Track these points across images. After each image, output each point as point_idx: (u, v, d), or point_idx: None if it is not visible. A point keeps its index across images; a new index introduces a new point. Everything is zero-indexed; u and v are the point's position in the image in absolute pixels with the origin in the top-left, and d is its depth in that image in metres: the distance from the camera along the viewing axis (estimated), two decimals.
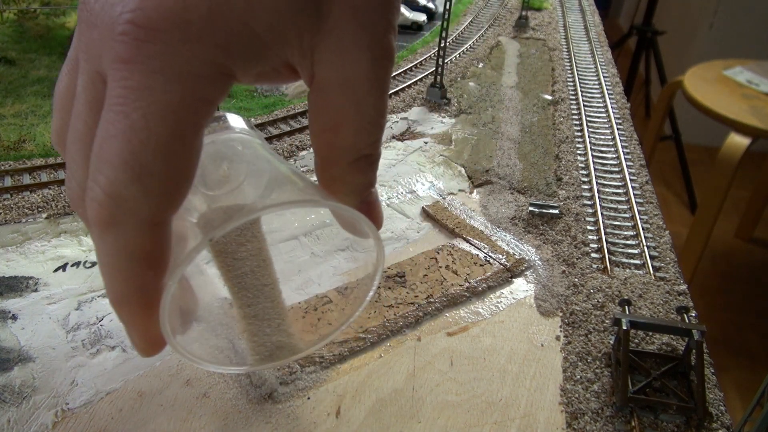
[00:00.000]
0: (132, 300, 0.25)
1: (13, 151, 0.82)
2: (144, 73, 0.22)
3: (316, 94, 0.27)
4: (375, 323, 0.54)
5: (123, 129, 0.22)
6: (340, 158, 0.28)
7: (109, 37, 0.22)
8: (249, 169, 0.32)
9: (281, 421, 0.45)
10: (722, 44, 2.54)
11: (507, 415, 0.46)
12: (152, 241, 0.24)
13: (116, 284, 0.25)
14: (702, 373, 0.47)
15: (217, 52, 0.23)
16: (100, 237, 0.24)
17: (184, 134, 0.23)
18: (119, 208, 0.22)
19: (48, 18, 1.38)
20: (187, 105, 0.22)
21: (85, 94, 0.25)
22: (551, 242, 0.67)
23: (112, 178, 0.22)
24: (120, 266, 0.24)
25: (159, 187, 0.23)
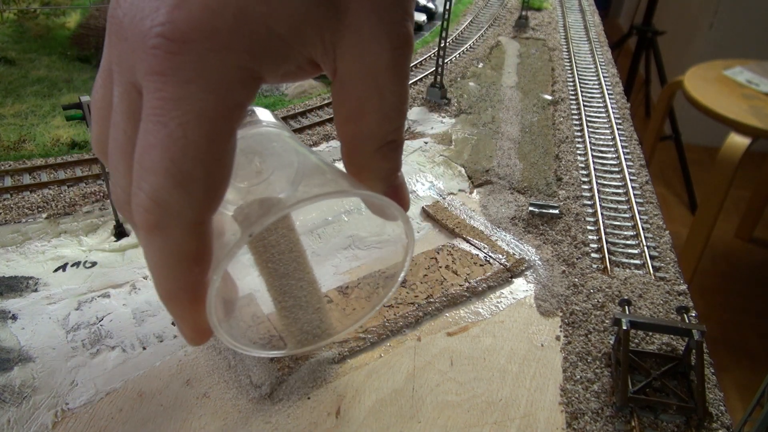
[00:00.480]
0: (180, 295, 0.27)
1: (13, 151, 0.82)
2: (178, 84, 0.23)
3: (340, 86, 0.28)
4: (375, 323, 0.54)
5: (162, 138, 0.23)
6: (366, 146, 0.29)
7: (141, 50, 0.23)
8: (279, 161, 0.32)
9: (281, 421, 0.45)
10: (722, 44, 2.54)
11: (507, 415, 0.46)
12: (196, 240, 0.25)
13: (165, 282, 0.26)
14: (702, 373, 0.47)
15: (245, 57, 0.24)
16: (147, 240, 0.25)
17: (220, 139, 0.24)
18: (164, 213, 0.24)
19: (48, 18, 1.38)
20: (220, 111, 0.23)
21: (122, 105, 0.26)
22: (551, 242, 0.67)
23: (156, 185, 0.23)
24: (168, 265, 0.26)
25: (200, 191, 0.24)
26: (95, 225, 0.68)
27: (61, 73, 1.10)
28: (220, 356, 0.51)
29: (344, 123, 0.29)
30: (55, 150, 0.83)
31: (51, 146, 0.84)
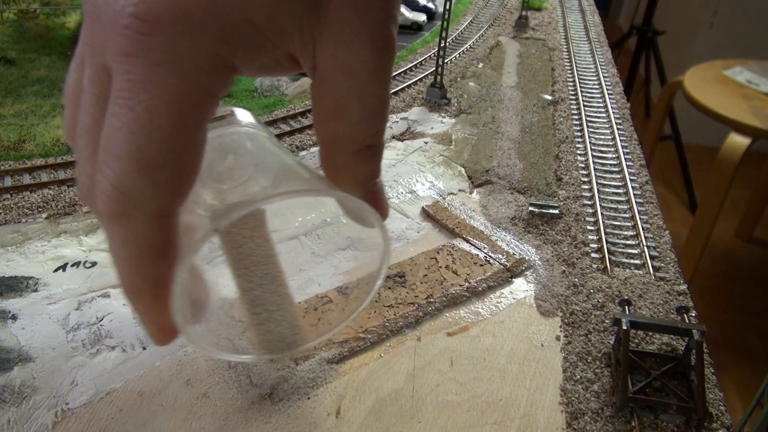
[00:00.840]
0: (144, 290, 0.25)
1: (13, 151, 0.82)
2: (146, 66, 0.22)
3: (319, 84, 0.27)
4: (375, 323, 0.54)
5: (128, 122, 0.22)
6: (343, 148, 0.28)
7: (112, 31, 0.22)
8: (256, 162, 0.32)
9: (281, 421, 0.45)
10: (722, 44, 2.54)
11: (507, 415, 0.46)
12: (161, 232, 0.24)
13: (128, 275, 0.25)
14: (702, 373, 0.47)
15: (218, 44, 0.23)
16: (110, 229, 0.24)
17: (188, 126, 0.23)
18: (127, 201, 0.23)
19: (48, 18, 1.38)
20: (189, 97, 0.23)
21: (91, 89, 0.25)
22: (551, 242, 0.67)
23: (119, 171, 0.22)
24: (131, 257, 0.24)
25: (165, 180, 0.23)
26: (95, 225, 0.68)
27: (61, 73, 1.10)
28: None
29: (322, 122, 0.28)
30: (55, 150, 0.83)
31: (51, 146, 0.84)
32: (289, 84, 1.07)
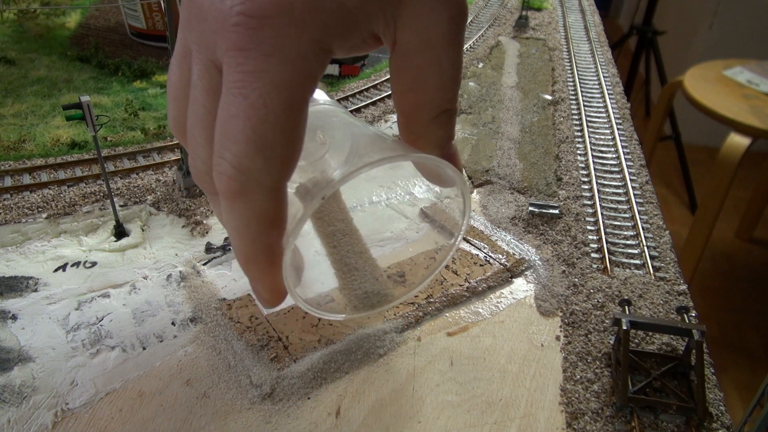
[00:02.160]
0: (260, 258, 0.28)
1: (13, 151, 0.82)
2: (258, 57, 0.24)
3: (399, 58, 0.29)
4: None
5: (243, 109, 0.25)
6: (423, 115, 0.31)
7: (222, 29, 0.25)
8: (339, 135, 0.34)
9: (281, 421, 0.45)
10: (722, 44, 2.54)
11: (507, 415, 0.46)
12: (274, 204, 0.27)
13: (246, 245, 0.28)
14: (702, 373, 0.47)
15: (318, 31, 0.25)
16: (229, 206, 0.27)
17: (296, 107, 0.25)
18: (246, 178, 0.25)
19: (48, 18, 1.38)
20: (296, 82, 0.25)
21: (201, 83, 0.27)
22: (551, 242, 0.67)
23: (238, 152, 0.25)
24: (249, 229, 0.27)
25: (278, 156, 0.26)
26: (95, 225, 0.68)
27: (61, 73, 1.10)
28: (220, 356, 0.51)
29: (403, 93, 0.30)
30: (55, 150, 0.83)
31: (51, 146, 0.84)
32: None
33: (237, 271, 0.62)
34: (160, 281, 0.60)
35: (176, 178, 0.75)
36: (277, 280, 0.29)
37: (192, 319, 0.55)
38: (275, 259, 0.28)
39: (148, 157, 0.83)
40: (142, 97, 1.01)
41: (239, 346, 0.51)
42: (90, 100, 0.57)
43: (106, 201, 0.72)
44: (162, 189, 0.75)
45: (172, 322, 0.54)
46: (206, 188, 0.30)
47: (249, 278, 0.30)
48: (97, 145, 0.62)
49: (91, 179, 0.77)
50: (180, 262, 0.62)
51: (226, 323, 0.54)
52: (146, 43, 1.25)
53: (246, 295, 0.58)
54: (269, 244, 0.28)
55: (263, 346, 0.51)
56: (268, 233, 0.27)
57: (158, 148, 0.84)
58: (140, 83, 1.07)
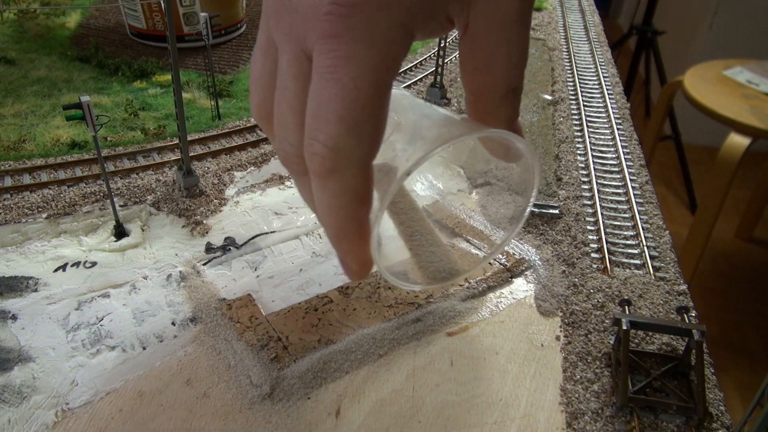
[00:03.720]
0: (351, 232, 0.30)
1: (13, 151, 0.82)
2: (349, 43, 0.26)
3: (470, 40, 0.31)
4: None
5: (336, 91, 0.26)
6: (492, 94, 0.33)
7: (313, 18, 0.27)
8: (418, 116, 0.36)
9: (281, 421, 0.45)
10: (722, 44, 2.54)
11: (507, 415, 0.46)
12: (364, 180, 0.29)
13: (337, 221, 0.30)
14: (702, 373, 0.47)
15: (404, 16, 0.27)
16: (322, 184, 0.29)
17: (383, 88, 0.27)
18: (339, 157, 0.27)
19: (48, 18, 1.38)
20: (384, 64, 0.27)
21: (291, 70, 0.29)
22: (551, 242, 0.67)
23: (331, 132, 0.27)
24: (341, 206, 0.29)
25: (368, 135, 0.28)
26: (95, 225, 0.68)
27: (61, 73, 1.10)
28: (220, 356, 0.51)
29: (472, 74, 0.32)
30: (55, 150, 0.83)
31: (51, 146, 0.84)
32: None
33: (237, 271, 0.62)
34: (160, 281, 0.60)
35: (176, 178, 0.75)
36: (366, 253, 0.31)
37: (192, 319, 0.55)
38: (365, 233, 0.30)
39: (148, 157, 0.83)
40: (142, 97, 1.01)
41: (239, 346, 0.51)
42: (90, 100, 0.57)
43: (106, 201, 0.72)
44: (162, 189, 0.75)
45: (172, 322, 0.54)
46: (294, 170, 0.32)
47: (339, 252, 0.32)
48: (97, 145, 0.62)
49: (91, 179, 0.77)
50: (180, 262, 0.62)
51: (226, 323, 0.54)
52: (146, 43, 1.25)
53: (246, 295, 0.58)
54: (360, 218, 0.30)
55: (263, 346, 0.51)
56: (359, 208, 0.29)
57: (158, 148, 0.84)
58: (140, 83, 1.07)
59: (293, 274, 0.61)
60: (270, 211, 0.72)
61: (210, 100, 0.97)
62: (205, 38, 0.88)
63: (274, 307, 0.56)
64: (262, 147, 0.87)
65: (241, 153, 0.85)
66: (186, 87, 1.05)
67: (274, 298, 0.58)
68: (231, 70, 1.16)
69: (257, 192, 0.76)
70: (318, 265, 0.63)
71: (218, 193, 0.74)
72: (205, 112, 0.96)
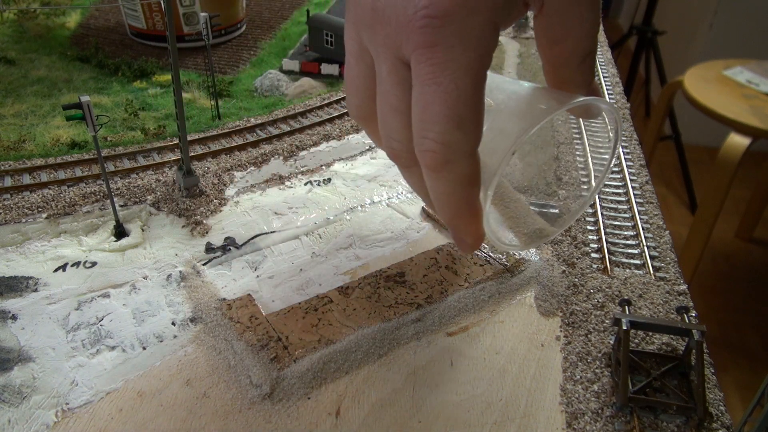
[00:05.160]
0: (465, 212, 0.33)
1: (13, 151, 0.82)
2: (446, 50, 0.29)
3: (546, 17, 0.34)
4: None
5: (439, 94, 0.29)
6: (570, 62, 0.35)
7: (408, 31, 0.29)
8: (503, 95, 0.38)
9: (281, 421, 0.45)
10: (722, 44, 2.54)
11: (507, 415, 0.46)
12: (473, 166, 0.32)
13: (453, 204, 0.33)
14: (702, 373, 0.47)
15: (489, 12, 0.29)
16: (436, 175, 0.32)
17: (479, 83, 0.30)
18: (449, 150, 0.30)
19: (48, 18, 1.38)
20: (478, 62, 0.30)
21: (391, 78, 0.32)
22: (551, 242, 0.67)
23: (440, 130, 0.30)
24: (455, 192, 0.32)
25: (472, 127, 0.30)
26: (95, 225, 0.68)
27: (61, 73, 1.10)
28: (220, 356, 0.51)
29: (550, 46, 0.35)
30: (55, 150, 0.83)
31: (51, 146, 0.84)
32: (289, 84, 1.07)
33: (237, 271, 0.62)
34: (160, 281, 0.60)
35: (176, 178, 0.75)
36: (480, 228, 0.34)
37: (192, 319, 0.55)
38: (477, 211, 0.33)
39: (148, 157, 0.83)
40: (142, 97, 1.01)
41: (239, 346, 0.51)
42: (90, 100, 0.58)
43: (106, 201, 0.72)
44: (162, 189, 0.75)
45: (172, 322, 0.54)
46: (402, 163, 0.35)
47: (454, 231, 0.35)
48: (97, 145, 0.62)
49: (91, 179, 0.77)
50: (180, 262, 0.62)
51: (226, 323, 0.54)
52: (146, 43, 1.25)
53: (246, 295, 0.58)
54: (472, 199, 0.33)
55: (263, 346, 0.51)
56: (471, 191, 0.32)
57: (158, 148, 0.84)
58: (140, 83, 1.07)
59: (293, 274, 0.61)
60: (270, 211, 0.72)
61: (210, 100, 0.97)
62: (205, 38, 0.88)
63: (274, 307, 0.56)
64: (262, 147, 0.87)
65: (241, 153, 0.85)
66: (186, 87, 1.05)
67: (274, 298, 0.58)
68: (231, 70, 1.16)
69: (257, 192, 0.76)
70: (318, 265, 0.63)
71: (218, 193, 0.74)
72: (205, 112, 0.96)
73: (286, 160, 0.83)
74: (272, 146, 0.87)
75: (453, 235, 0.36)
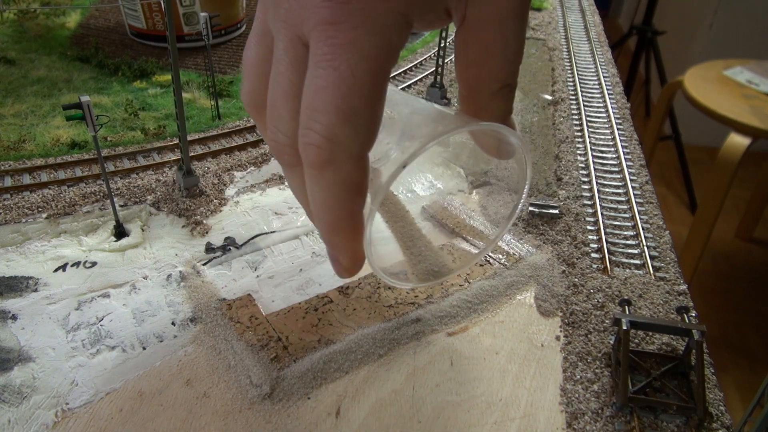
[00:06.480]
0: (344, 225, 0.29)
1: (13, 151, 0.82)
2: (347, 30, 0.26)
3: (466, 33, 0.31)
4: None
5: (333, 80, 0.26)
6: (486, 88, 0.32)
7: (311, 5, 0.26)
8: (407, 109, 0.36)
9: (281, 421, 0.45)
10: (722, 44, 2.54)
11: (507, 415, 0.46)
12: (360, 172, 0.28)
13: (332, 213, 0.29)
14: (702, 373, 0.47)
15: (402, 4, 0.27)
16: (317, 175, 0.28)
17: (381, 77, 0.27)
18: (335, 147, 0.26)
19: (48, 18, 1.38)
20: (382, 53, 0.26)
21: (286, 57, 0.29)
22: (551, 242, 0.67)
23: (327, 122, 0.26)
24: (336, 197, 0.28)
25: (365, 125, 0.27)
26: (95, 225, 0.68)
27: (61, 73, 1.10)
28: (219, 356, 0.51)
29: (467, 67, 0.32)
30: (55, 150, 0.83)
31: (51, 146, 0.84)
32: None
33: (237, 271, 0.62)
34: (160, 281, 0.60)
35: (176, 178, 0.75)
36: (359, 249, 0.30)
37: (192, 319, 0.55)
38: (358, 227, 0.30)
39: (148, 157, 0.83)
40: (142, 97, 1.01)
41: (239, 346, 0.51)
42: (90, 100, 0.58)
43: (106, 201, 0.72)
44: (162, 189, 0.75)
45: (172, 322, 0.54)
46: (285, 160, 0.31)
47: (330, 247, 0.31)
48: (97, 145, 0.62)
49: (91, 179, 0.77)
50: (180, 262, 0.62)
51: (226, 323, 0.54)
52: (146, 43, 1.25)
53: (246, 295, 0.58)
54: (354, 211, 0.29)
55: (263, 346, 0.51)
56: (354, 201, 0.28)
57: (158, 148, 0.84)
58: (140, 83, 1.07)
59: (293, 274, 0.61)
60: (270, 211, 0.72)
61: (210, 100, 0.97)
62: (205, 38, 0.88)
63: (274, 307, 0.56)
64: (262, 147, 0.87)
65: (241, 153, 0.85)
66: (186, 87, 1.05)
67: (274, 298, 0.58)
68: (231, 70, 1.16)
69: (257, 192, 0.76)
70: (318, 265, 0.63)
71: (218, 193, 0.74)
72: (205, 112, 0.96)
73: None
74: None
75: (328, 253, 0.31)
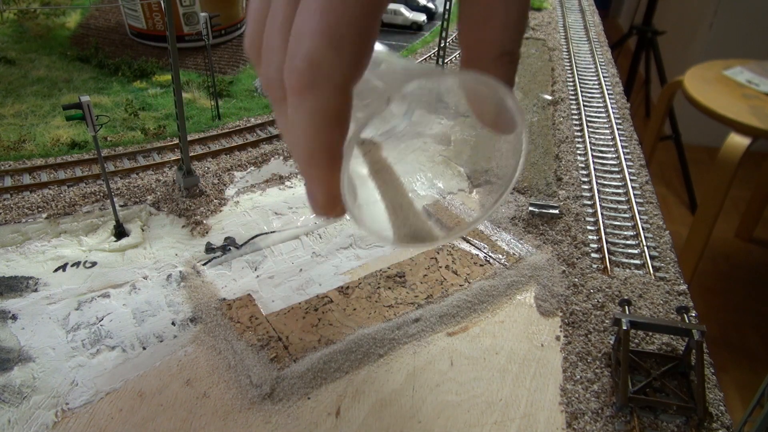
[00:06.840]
0: (321, 156, 0.28)
1: (13, 151, 0.82)
2: None
3: None
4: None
5: (322, 5, 0.26)
6: (486, 52, 0.32)
7: None
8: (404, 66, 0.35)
9: (281, 421, 0.45)
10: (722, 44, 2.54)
11: (507, 415, 0.46)
12: (341, 102, 0.27)
13: (309, 142, 0.28)
14: (702, 373, 0.47)
15: None
16: (298, 100, 0.27)
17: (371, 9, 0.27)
18: (317, 73, 0.26)
19: (48, 18, 1.38)
20: None
21: None
22: (551, 242, 0.67)
23: (311, 47, 0.26)
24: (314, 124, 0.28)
25: (350, 53, 0.26)
26: (95, 225, 0.68)
27: (61, 73, 1.10)
28: (220, 356, 0.51)
29: (469, 28, 0.32)
30: (55, 150, 0.83)
31: (51, 146, 0.84)
32: None
33: (237, 271, 0.62)
34: (160, 281, 0.60)
35: (176, 178, 0.75)
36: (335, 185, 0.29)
37: (192, 319, 0.55)
38: (336, 161, 0.29)
39: (148, 157, 0.83)
40: (142, 97, 1.01)
41: (239, 346, 0.51)
42: (90, 100, 0.57)
43: (106, 201, 0.72)
44: (162, 189, 0.75)
45: (172, 322, 0.54)
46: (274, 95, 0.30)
47: (307, 180, 0.30)
48: (97, 145, 0.62)
49: (91, 179, 0.77)
50: (180, 262, 0.62)
51: (226, 323, 0.54)
52: (146, 43, 1.25)
53: (246, 295, 0.58)
54: (332, 142, 0.28)
55: (263, 346, 0.51)
56: (333, 131, 0.28)
57: (158, 148, 0.84)
58: (140, 83, 1.07)
59: (293, 274, 0.61)
60: (270, 211, 0.72)
61: (210, 100, 0.97)
62: (205, 38, 0.88)
63: (274, 307, 0.56)
64: (262, 147, 0.87)
65: (241, 153, 0.85)
66: (186, 87, 1.05)
67: (274, 298, 0.58)
68: (231, 70, 1.16)
69: (257, 192, 0.76)
70: (318, 265, 0.63)
71: (218, 193, 0.74)
72: (205, 112, 0.96)
73: (286, 160, 0.83)
74: (272, 146, 0.87)
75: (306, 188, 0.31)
